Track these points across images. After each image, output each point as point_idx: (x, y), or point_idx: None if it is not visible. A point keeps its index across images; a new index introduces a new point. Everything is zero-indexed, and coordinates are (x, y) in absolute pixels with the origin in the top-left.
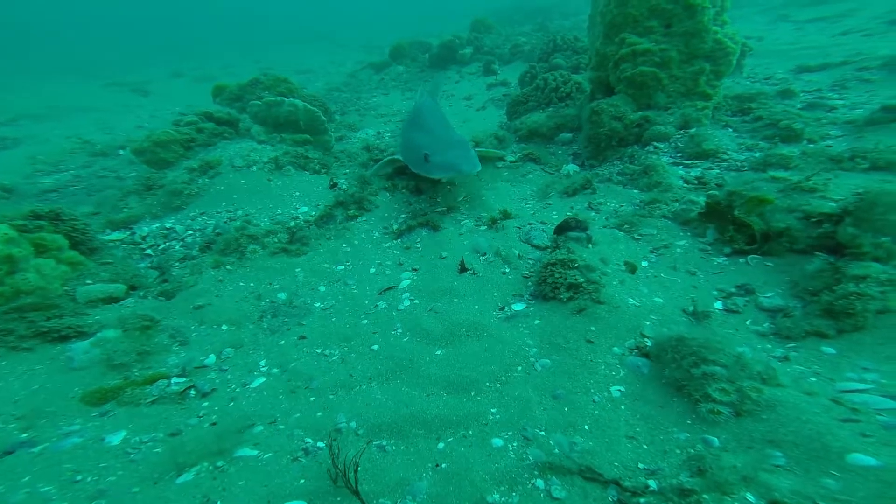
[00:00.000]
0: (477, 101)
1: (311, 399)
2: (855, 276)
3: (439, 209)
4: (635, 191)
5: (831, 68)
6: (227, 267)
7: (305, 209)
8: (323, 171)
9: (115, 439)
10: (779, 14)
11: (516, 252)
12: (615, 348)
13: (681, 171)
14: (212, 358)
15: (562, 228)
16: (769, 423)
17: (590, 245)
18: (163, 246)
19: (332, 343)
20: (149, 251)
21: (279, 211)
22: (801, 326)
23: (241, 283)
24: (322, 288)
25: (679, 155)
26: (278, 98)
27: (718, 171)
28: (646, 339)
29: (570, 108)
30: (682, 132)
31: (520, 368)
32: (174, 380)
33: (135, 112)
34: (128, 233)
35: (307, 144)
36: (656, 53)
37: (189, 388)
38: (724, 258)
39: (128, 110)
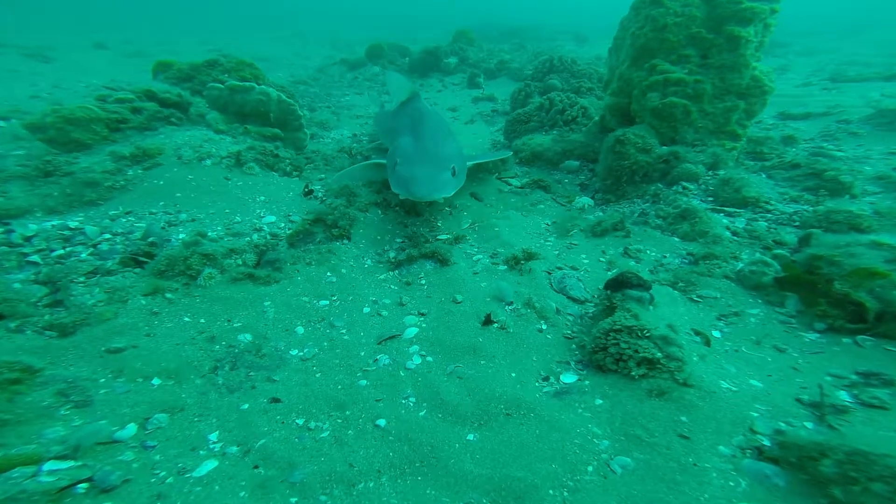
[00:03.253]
0: (463, 114)
1: (293, 501)
2: None
3: (443, 237)
4: (675, 238)
5: (814, 118)
6: (168, 295)
7: (272, 219)
8: (295, 173)
9: None
10: None
11: (553, 305)
12: (721, 447)
13: (724, 220)
14: (131, 428)
15: (618, 283)
16: None
17: (650, 307)
18: (59, 252)
19: (320, 411)
20: (34, 258)
21: (237, 218)
22: None
23: (187, 319)
24: (300, 329)
25: (710, 199)
26: (247, 83)
27: (766, 223)
28: (759, 437)
29: (577, 134)
30: (711, 173)
31: (591, 469)
32: (48, 466)
33: (28, 80)
34: (1, 229)
35: (277, 140)
36: (689, 84)
37: (80, 481)
38: (817, 335)
39: (17, 77)
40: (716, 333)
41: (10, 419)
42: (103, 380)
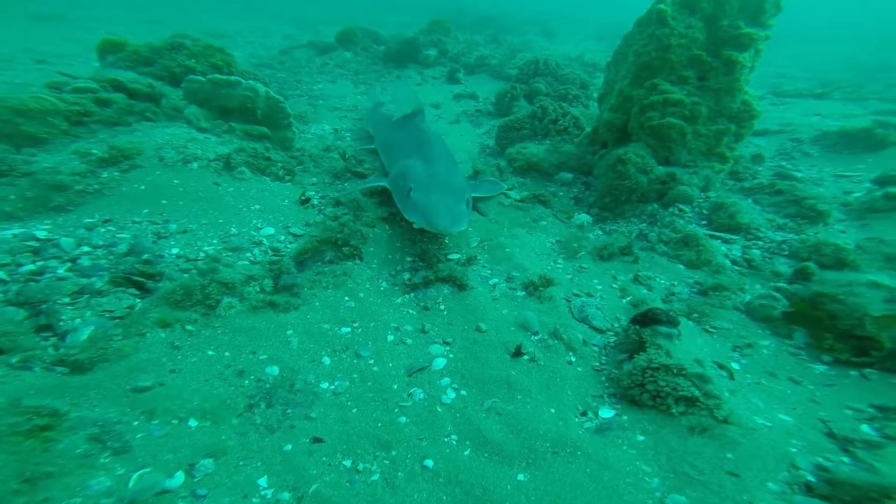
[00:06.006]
0: (447, 112)
1: None
2: None
3: (454, 256)
4: (680, 266)
5: (770, 135)
6: (188, 326)
7: (271, 231)
8: (287, 178)
9: None
10: None
11: (579, 336)
12: (769, 484)
13: (722, 248)
14: (179, 477)
15: (647, 319)
16: None
17: (676, 341)
18: (30, 267)
19: (365, 451)
20: (1, 274)
21: (233, 230)
22: None
23: (211, 352)
24: (326, 360)
25: (704, 223)
26: (233, 77)
27: (759, 251)
28: (802, 473)
29: (570, 146)
30: (703, 196)
31: None
32: None
33: None
34: None
35: (264, 139)
36: (687, 106)
37: None
38: (825, 367)
39: None
40: (735, 366)
41: (53, 471)
42: (136, 423)
